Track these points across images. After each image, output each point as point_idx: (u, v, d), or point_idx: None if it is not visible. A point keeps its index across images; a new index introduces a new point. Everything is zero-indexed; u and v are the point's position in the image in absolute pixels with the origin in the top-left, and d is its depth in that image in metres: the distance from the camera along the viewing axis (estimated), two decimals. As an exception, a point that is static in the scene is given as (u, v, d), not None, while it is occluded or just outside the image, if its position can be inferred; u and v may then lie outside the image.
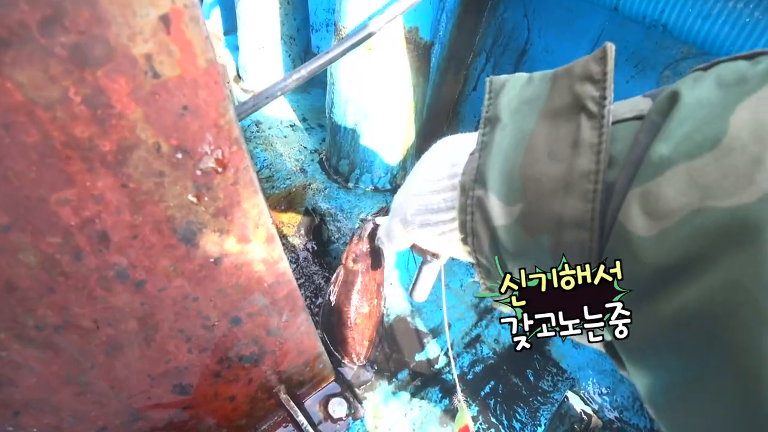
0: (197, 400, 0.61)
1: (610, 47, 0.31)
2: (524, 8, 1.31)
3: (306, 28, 1.74)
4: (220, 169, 0.35)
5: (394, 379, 0.99)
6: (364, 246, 0.89)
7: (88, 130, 0.27)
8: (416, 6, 0.90)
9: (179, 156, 0.31)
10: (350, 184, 1.30)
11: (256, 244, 0.45)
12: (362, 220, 0.90)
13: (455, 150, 0.44)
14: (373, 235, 0.90)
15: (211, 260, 0.42)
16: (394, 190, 1.33)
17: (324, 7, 1.96)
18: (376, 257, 0.91)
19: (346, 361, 0.95)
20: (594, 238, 0.30)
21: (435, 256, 0.64)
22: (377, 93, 1.10)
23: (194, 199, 0.35)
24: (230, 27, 2.13)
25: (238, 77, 1.82)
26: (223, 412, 0.69)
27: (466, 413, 0.83)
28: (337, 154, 1.28)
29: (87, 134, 0.27)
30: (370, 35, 0.85)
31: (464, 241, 0.40)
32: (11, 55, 0.22)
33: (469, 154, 0.39)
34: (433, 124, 1.64)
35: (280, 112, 1.63)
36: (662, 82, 1.09)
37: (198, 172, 0.33)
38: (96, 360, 0.42)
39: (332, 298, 0.93)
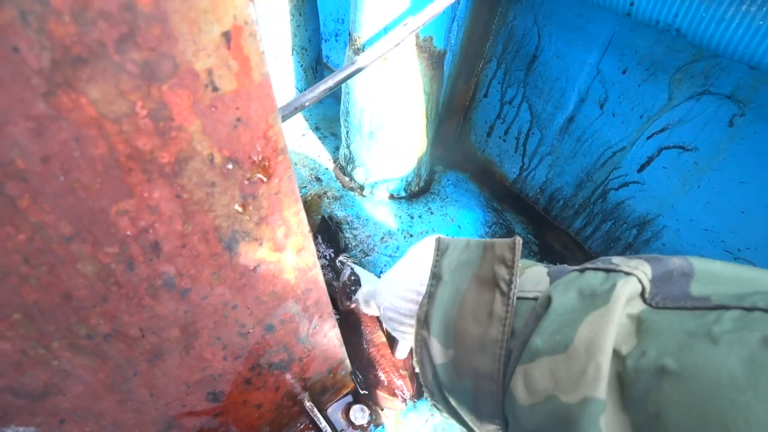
0: (227, 408, 0.62)
1: (518, 242, 0.43)
2: (534, 14, 1.33)
3: (317, 38, 1.76)
4: (265, 179, 0.36)
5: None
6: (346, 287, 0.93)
7: (150, 143, 0.27)
8: (437, 17, 0.92)
9: (230, 166, 0.32)
10: (365, 192, 1.31)
11: (291, 251, 0.45)
12: (340, 263, 1.03)
13: (427, 263, 0.54)
14: (350, 280, 0.95)
15: (251, 268, 0.43)
16: (409, 198, 1.34)
17: (333, 18, 1.98)
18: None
19: (396, 403, 0.87)
20: (499, 390, 0.39)
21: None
22: (393, 102, 1.11)
23: (240, 209, 0.36)
24: None
25: (250, 88, 1.84)
26: (250, 419, 0.69)
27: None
28: (353, 162, 1.29)
29: (149, 146, 0.28)
30: (393, 46, 0.85)
31: (416, 363, 0.50)
32: (88, 72, 0.23)
33: (422, 296, 0.50)
34: (445, 131, 1.65)
35: (293, 122, 1.64)
36: (673, 85, 1.10)
37: (246, 182, 0.34)
38: (139, 368, 0.43)
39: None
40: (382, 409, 0.90)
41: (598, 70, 1.25)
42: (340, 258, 0.92)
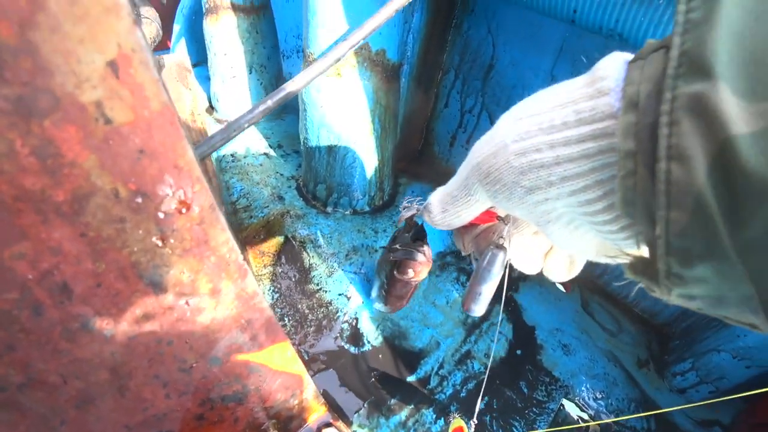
0: (181, 446, 0.59)
1: None
2: (487, 24, 1.35)
3: (277, 55, 1.75)
4: (184, 210, 0.34)
5: (387, 403, 0.98)
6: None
7: (40, 182, 0.26)
8: (382, 29, 0.92)
9: (139, 200, 0.31)
10: (329, 209, 1.30)
11: (228, 281, 0.44)
12: (404, 208, 0.76)
13: (577, 80, 0.31)
14: (412, 224, 0.91)
15: (182, 302, 0.41)
16: (373, 212, 1.33)
17: (294, 34, 1.98)
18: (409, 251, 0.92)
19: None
20: None
21: (499, 246, 0.48)
22: (350, 117, 1.10)
23: (159, 242, 0.34)
24: (200, 58, 2.14)
25: (211, 108, 1.82)
26: (210, 455, 0.66)
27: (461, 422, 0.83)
28: (314, 179, 1.28)
29: (39, 186, 0.26)
30: (336, 61, 0.85)
31: (630, 187, 0.26)
32: (-51, 112, 0.21)
33: (627, 61, 0.28)
34: (408, 142, 1.65)
35: (255, 141, 1.62)
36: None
37: (161, 215, 0.33)
38: (66, 415, 0.40)
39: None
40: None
41: (552, 75, 1.27)
42: (405, 202, 0.75)
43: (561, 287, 1.43)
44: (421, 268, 0.93)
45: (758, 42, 0.23)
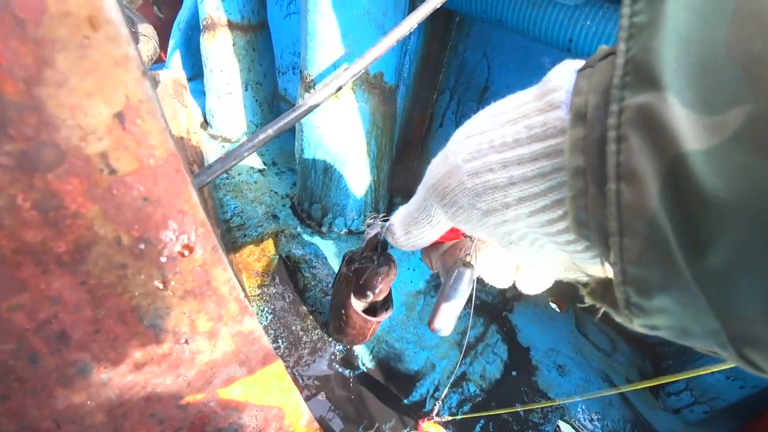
0: (174, 481, 0.57)
1: None
2: (483, 47, 1.36)
3: (272, 72, 1.75)
4: (186, 253, 0.33)
5: (382, 428, 0.96)
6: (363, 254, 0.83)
7: (41, 234, 0.25)
8: (386, 54, 0.92)
9: (142, 246, 0.30)
10: (324, 229, 1.29)
11: (228, 319, 0.43)
12: (367, 226, 0.74)
13: (528, 92, 0.29)
14: (375, 243, 0.81)
15: (183, 341, 0.40)
16: (368, 231, 1.33)
17: (290, 51, 1.98)
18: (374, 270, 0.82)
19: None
20: None
21: (466, 264, 0.47)
22: (346, 138, 1.10)
23: (160, 285, 0.34)
24: (196, 72, 2.13)
25: (206, 123, 1.81)
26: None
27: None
28: (309, 198, 1.27)
29: (39, 238, 0.25)
30: (338, 89, 0.85)
31: (581, 207, 0.24)
32: (-49, 170, 0.20)
33: (577, 70, 0.26)
34: (404, 161, 1.66)
35: (250, 157, 1.61)
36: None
37: (163, 259, 0.32)
38: (59, 460, 0.39)
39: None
40: None
41: (546, 98, 1.27)
42: (368, 220, 0.72)
43: (555, 307, 1.43)
44: (385, 284, 0.83)
45: (708, 47, 0.20)
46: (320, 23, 0.96)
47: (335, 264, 1.21)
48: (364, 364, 1.06)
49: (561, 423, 1.14)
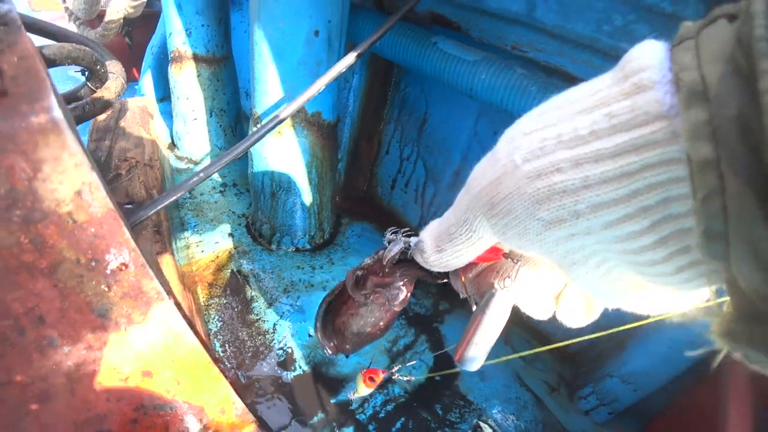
0: (119, 445, 0.77)
1: None
2: (420, 85, 1.60)
3: (236, 100, 1.97)
4: (123, 268, 0.54)
5: (311, 422, 1.16)
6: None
7: (32, 256, 0.46)
8: (318, 94, 1.14)
9: (93, 264, 0.51)
10: (273, 246, 1.51)
11: (155, 313, 0.64)
12: (388, 242, 0.62)
13: (602, 78, 0.26)
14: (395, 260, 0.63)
15: (123, 328, 0.61)
16: (313, 250, 1.54)
17: (254, 77, 2.21)
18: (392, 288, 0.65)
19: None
20: None
21: (504, 289, 0.43)
22: (289, 167, 1.33)
23: (106, 289, 0.55)
24: (166, 94, 2.34)
25: (173, 144, 2.02)
26: (145, 457, 0.84)
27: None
28: (260, 219, 1.49)
29: (31, 259, 0.46)
30: (277, 124, 1.07)
31: (712, 210, 0.20)
32: (-12, 224, 0.41)
33: (669, 46, 0.23)
34: (354, 185, 1.88)
35: (212, 179, 1.83)
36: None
37: (108, 272, 0.53)
38: (30, 409, 0.59)
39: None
40: None
41: (475, 132, 1.52)
42: (389, 235, 0.61)
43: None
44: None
45: None
46: (263, 71, 1.19)
47: (280, 278, 1.43)
48: (300, 367, 1.27)
49: (480, 423, 1.35)
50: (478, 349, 0.46)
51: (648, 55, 0.23)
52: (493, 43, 1.15)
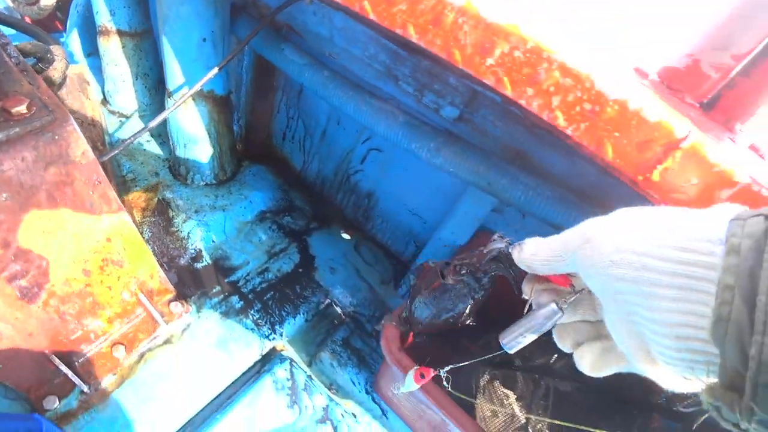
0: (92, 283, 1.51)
1: None
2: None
3: (157, 64, 2.57)
4: (98, 183, 1.26)
5: (210, 292, 1.93)
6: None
7: (62, 177, 1.17)
8: (213, 77, 1.81)
9: (85, 179, 1.22)
10: (188, 182, 2.22)
11: (115, 207, 1.36)
12: (492, 240, 0.69)
13: (679, 219, 0.42)
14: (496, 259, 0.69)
15: (98, 213, 1.33)
16: (218, 184, 2.26)
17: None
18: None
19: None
20: None
21: (560, 308, 0.57)
22: (194, 128, 2.02)
23: (91, 192, 1.26)
24: (92, 49, 2.70)
25: (105, 101, 2.62)
26: (106, 297, 1.59)
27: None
28: (177, 162, 2.19)
29: (61, 179, 1.17)
30: (183, 100, 1.74)
31: (723, 312, 0.35)
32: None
33: (730, 219, 0.38)
34: (255, 136, 2.58)
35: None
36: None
37: (93, 183, 1.24)
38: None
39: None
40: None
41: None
42: (495, 236, 0.69)
43: (345, 235, 2.45)
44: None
45: None
46: (171, 62, 1.84)
47: (192, 202, 2.14)
48: (205, 259, 2.02)
49: (329, 299, 2.18)
50: (517, 340, 0.60)
51: (717, 223, 0.39)
52: (316, 50, 1.87)
